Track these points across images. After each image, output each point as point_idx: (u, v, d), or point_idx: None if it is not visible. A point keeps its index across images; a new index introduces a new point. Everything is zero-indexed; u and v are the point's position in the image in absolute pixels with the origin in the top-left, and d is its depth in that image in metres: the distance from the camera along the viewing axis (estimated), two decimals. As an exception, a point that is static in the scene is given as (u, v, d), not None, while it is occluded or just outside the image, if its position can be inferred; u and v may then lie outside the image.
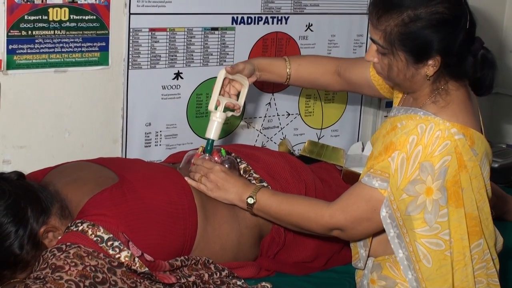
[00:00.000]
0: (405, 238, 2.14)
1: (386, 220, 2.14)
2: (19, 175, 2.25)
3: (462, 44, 2.07)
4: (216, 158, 2.47)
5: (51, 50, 2.54)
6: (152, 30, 2.72)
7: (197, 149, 2.52)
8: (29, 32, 2.48)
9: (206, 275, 2.23)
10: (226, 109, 2.50)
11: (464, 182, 2.11)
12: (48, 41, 2.52)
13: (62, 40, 2.55)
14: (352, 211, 2.19)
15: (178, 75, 2.82)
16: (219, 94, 2.50)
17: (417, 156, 2.08)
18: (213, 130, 2.46)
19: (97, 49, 2.63)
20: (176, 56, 2.80)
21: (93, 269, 2.02)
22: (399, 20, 2.05)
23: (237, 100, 2.53)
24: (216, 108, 2.47)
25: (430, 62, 2.08)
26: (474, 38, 2.12)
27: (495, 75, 2.16)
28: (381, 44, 2.10)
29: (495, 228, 2.26)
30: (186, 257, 2.24)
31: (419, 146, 2.08)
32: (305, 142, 3.10)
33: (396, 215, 2.12)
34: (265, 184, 2.47)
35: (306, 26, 3.11)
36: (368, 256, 2.32)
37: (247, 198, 2.33)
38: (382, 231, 2.20)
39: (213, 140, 2.46)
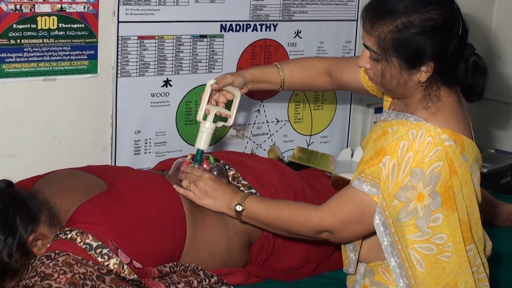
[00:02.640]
0: (397, 245, 2.14)
1: (379, 228, 2.15)
2: (7, 183, 2.24)
3: (455, 50, 2.08)
4: (204, 165, 2.47)
5: (40, 58, 2.54)
6: (140, 38, 2.73)
7: (186, 156, 2.52)
8: (18, 40, 2.48)
9: (195, 282, 2.23)
10: (217, 119, 2.50)
11: (455, 187, 2.12)
12: (37, 49, 2.52)
13: (51, 49, 2.55)
14: (341, 213, 2.19)
15: (167, 82, 2.83)
16: (208, 103, 2.51)
17: (408, 162, 2.08)
18: (203, 141, 2.46)
19: (85, 57, 2.63)
20: (165, 63, 2.81)
21: (82, 276, 2.02)
22: (393, 26, 2.06)
23: (226, 109, 2.54)
24: (205, 118, 2.47)
25: (423, 68, 2.08)
26: (466, 44, 2.13)
27: (486, 81, 2.17)
28: (375, 50, 2.11)
29: (485, 232, 2.27)
30: (175, 263, 2.24)
31: (410, 152, 2.08)
32: (294, 149, 3.11)
33: (389, 221, 2.13)
34: (254, 191, 2.48)
35: (295, 33, 3.12)
36: (360, 262, 2.32)
37: (235, 206, 2.33)
38: (372, 236, 2.21)
39: (202, 150, 2.47)
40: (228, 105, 2.55)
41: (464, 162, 2.13)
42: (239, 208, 2.33)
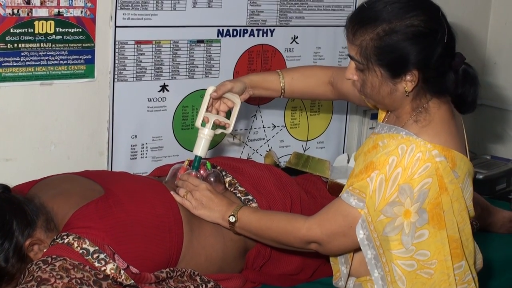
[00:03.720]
0: (381, 258, 2.13)
1: (364, 242, 2.14)
2: (4, 188, 2.24)
3: (440, 58, 2.05)
4: (201, 172, 2.47)
5: (37, 63, 2.53)
6: (138, 42, 2.73)
7: (183, 162, 2.53)
8: (15, 45, 2.47)
9: (192, 287, 2.23)
10: (216, 126, 2.50)
11: (445, 204, 2.10)
12: (34, 54, 2.52)
13: (48, 53, 2.55)
14: (329, 225, 2.19)
15: (164, 87, 2.83)
16: (207, 111, 2.51)
17: (396, 178, 2.07)
18: (201, 147, 2.47)
19: (83, 61, 2.63)
20: (162, 68, 2.81)
21: (79, 281, 2.02)
22: (374, 34, 2.05)
23: (226, 117, 2.54)
24: (203, 125, 2.47)
25: (408, 77, 2.06)
26: (455, 53, 2.11)
27: (477, 92, 2.15)
28: (358, 60, 2.09)
29: (476, 246, 2.25)
30: (172, 269, 2.24)
31: (398, 168, 2.07)
32: (290, 154, 3.11)
33: (373, 236, 2.12)
34: (251, 197, 2.48)
35: (292, 38, 3.12)
36: (350, 276, 2.31)
37: (229, 217, 2.33)
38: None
39: (200, 157, 2.47)
40: (228, 113, 2.55)
41: (455, 178, 2.11)
42: (232, 219, 2.33)
